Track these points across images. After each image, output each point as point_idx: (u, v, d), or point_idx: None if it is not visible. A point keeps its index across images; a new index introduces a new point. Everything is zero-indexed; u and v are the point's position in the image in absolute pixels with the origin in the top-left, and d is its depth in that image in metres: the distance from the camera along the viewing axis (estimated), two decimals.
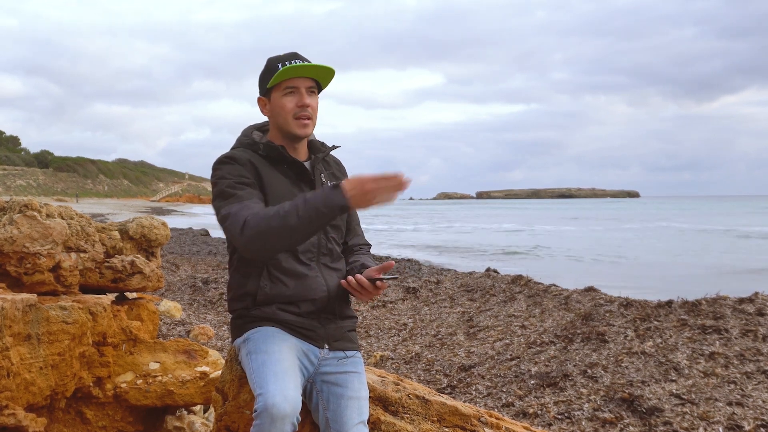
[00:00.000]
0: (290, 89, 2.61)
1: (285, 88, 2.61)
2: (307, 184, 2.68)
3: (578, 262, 21.93)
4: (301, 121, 2.62)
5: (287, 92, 2.61)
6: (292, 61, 2.59)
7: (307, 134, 2.66)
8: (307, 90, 2.62)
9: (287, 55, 2.63)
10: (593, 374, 5.71)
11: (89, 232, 4.01)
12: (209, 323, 8.84)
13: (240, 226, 2.37)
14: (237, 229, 2.38)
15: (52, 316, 3.38)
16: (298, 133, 2.63)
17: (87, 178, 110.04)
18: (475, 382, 6.19)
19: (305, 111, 2.61)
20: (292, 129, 2.63)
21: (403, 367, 7.00)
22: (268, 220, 2.32)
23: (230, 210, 2.43)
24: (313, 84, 2.65)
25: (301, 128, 2.63)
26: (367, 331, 8.69)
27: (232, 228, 2.40)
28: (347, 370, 2.63)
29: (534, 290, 9.81)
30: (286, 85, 2.60)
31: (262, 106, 2.72)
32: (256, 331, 2.57)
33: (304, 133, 2.64)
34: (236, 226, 2.38)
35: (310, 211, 2.28)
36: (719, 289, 7.45)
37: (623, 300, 7.78)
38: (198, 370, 4.07)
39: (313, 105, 2.64)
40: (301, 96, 2.61)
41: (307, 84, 2.62)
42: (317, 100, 2.68)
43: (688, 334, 6.31)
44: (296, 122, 2.62)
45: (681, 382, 5.36)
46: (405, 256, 20.38)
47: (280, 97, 2.62)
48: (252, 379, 2.44)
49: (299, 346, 2.57)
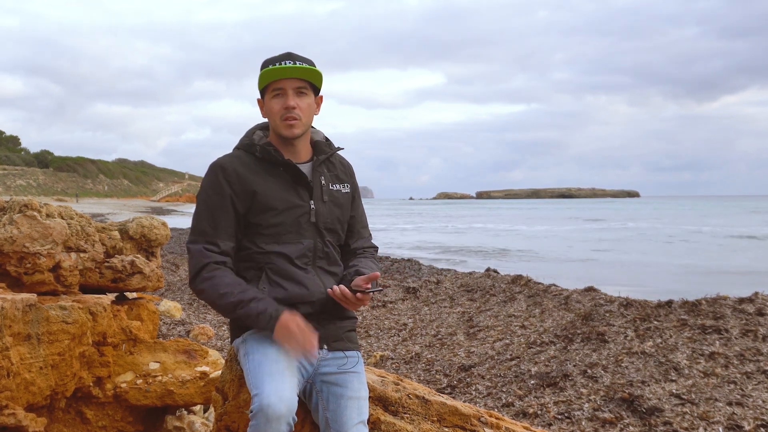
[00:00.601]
0: (277, 91, 2.61)
1: (273, 90, 2.62)
2: (304, 186, 2.66)
3: (571, 263, 21.95)
4: (287, 122, 2.61)
5: (275, 94, 2.62)
6: (282, 62, 2.59)
7: (295, 135, 2.64)
8: (295, 91, 2.61)
9: (280, 56, 2.62)
10: (593, 374, 5.71)
11: (89, 232, 4.01)
12: (209, 323, 8.84)
13: (193, 276, 2.58)
14: (191, 275, 2.60)
15: (52, 315, 3.38)
16: (285, 134, 2.63)
17: (87, 178, 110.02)
18: (475, 382, 6.19)
19: (291, 112, 2.60)
20: (281, 130, 2.64)
21: (403, 367, 7.00)
22: (216, 297, 2.53)
23: (191, 246, 2.61)
24: (304, 84, 2.63)
25: (288, 129, 2.63)
26: (366, 331, 8.69)
27: (189, 268, 2.62)
28: (347, 370, 2.62)
29: (534, 290, 9.81)
30: (274, 87, 2.61)
31: (260, 108, 2.74)
32: (254, 332, 2.58)
33: (292, 134, 2.63)
34: (192, 270, 2.59)
35: (247, 312, 2.49)
36: (719, 290, 7.46)
37: (623, 300, 7.79)
38: (198, 370, 4.07)
39: (302, 106, 2.62)
40: (287, 98, 2.60)
41: (294, 85, 2.61)
42: (309, 100, 2.66)
43: (688, 334, 6.31)
44: (283, 123, 2.62)
45: (681, 382, 5.35)
46: (405, 256, 20.35)
47: (270, 99, 2.64)
48: (249, 379, 2.45)
49: None
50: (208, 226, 2.57)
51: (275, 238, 2.59)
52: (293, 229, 2.60)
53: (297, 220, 2.62)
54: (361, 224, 2.89)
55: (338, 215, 2.74)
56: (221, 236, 2.57)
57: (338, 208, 2.74)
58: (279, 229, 2.59)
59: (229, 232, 2.59)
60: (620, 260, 22.46)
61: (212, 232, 2.57)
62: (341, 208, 2.76)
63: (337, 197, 2.75)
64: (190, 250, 2.59)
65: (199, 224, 2.59)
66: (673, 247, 28.34)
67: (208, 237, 2.56)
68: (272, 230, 2.58)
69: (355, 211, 2.85)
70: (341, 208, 2.76)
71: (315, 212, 2.65)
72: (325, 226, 2.68)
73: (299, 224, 2.62)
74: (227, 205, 2.58)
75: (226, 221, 2.57)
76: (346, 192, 2.80)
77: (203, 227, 2.58)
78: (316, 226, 2.65)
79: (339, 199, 2.76)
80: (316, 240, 2.66)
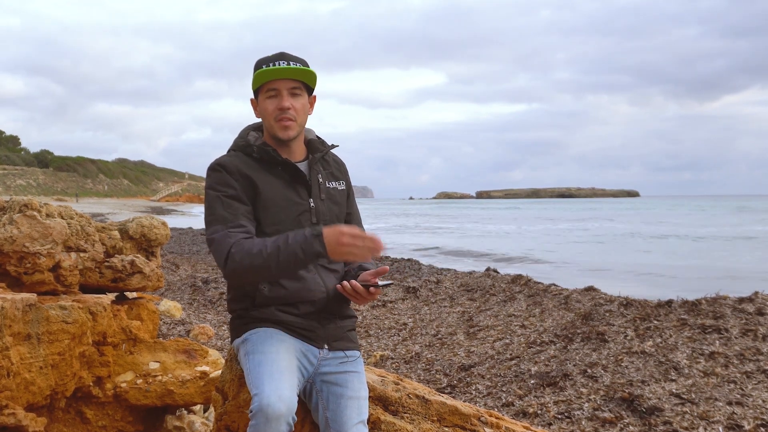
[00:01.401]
0: (272, 92, 2.61)
1: (267, 91, 2.62)
2: (303, 185, 2.67)
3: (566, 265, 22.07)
4: (282, 123, 2.61)
5: (269, 95, 2.62)
6: (276, 62, 2.59)
7: (290, 136, 2.64)
8: (289, 91, 2.61)
9: (273, 56, 2.62)
10: (593, 374, 5.71)
11: (89, 231, 4.01)
12: (209, 323, 8.85)
13: (224, 258, 2.44)
14: (221, 260, 2.45)
15: (52, 315, 3.38)
16: (280, 135, 2.63)
17: (87, 177, 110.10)
18: (475, 381, 6.19)
19: (285, 113, 2.60)
20: (275, 132, 2.63)
21: (403, 367, 7.00)
22: (252, 258, 2.39)
23: (215, 235, 2.49)
24: (298, 85, 2.63)
25: (283, 130, 2.62)
26: (367, 331, 8.69)
27: (217, 256, 2.48)
28: (347, 369, 2.63)
29: (534, 290, 9.81)
30: (268, 87, 2.61)
31: (254, 108, 2.74)
32: (255, 332, 2.58)
33: (286, 136, 2.63)
34: (221, 255, 2.45)
35: (290, 255, 2.37)
36: (722, 289, 7.46)
37: (623, 299, 7.78)
38: (198, 370, 4.07)
39: (296, 106, 2.62)
40: (281, 98, 2.60)
41: (289, 86, 2.61)
42: (303, 100, 2.66)
43: (688, 333, 6.31)
44: (278, 124, 2.62)
45: (681, 382, 5.35)
46: (405, 255, 20.36)
47: (264, 100, 2.63)
48: (249, 379, 2.44)
49: (298, 346, 2.57)
50: (226, 212, 2.51)
51: (276, 236, 2.59)
52: (294, 226, 2.58)
53: (297, 218, 2.62)
54: (357, 221, 2.91)
55: (336, 212, 2.75)
56: (242, 219, 2.52)
57: (336, 206, 2.76)
58: (280, 227, 2.58)
59: (248, 216, 2.54)
60: (618, 260, 22.51)
61: (232, 217, 2.50)
62: (338, 205, 2.77)
63: (334, 195, 2.76)
64: (214, 240, 2.49)
65: (217, 213, 2.52)
66: (654, 246, 28.50)
67: (230, 222, 2.49)
68: (273, 228, 2.57)
69: (351, 208, 2.87)
70: (338, 205, 2.77)
71: (315, 210, 2.66)
72: (324, 224, 2.66)
73: (300, 222, 2.62)
74: (239, 195, 2.55)
75: (242, 208, 2.54)
76: (341, 189, 2.81)
77: (221, 214, 2.51)
78: (317, 224, 2.64)
79: (336, 197, 2.77)
80: None
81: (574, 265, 20.54)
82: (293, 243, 2.37)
